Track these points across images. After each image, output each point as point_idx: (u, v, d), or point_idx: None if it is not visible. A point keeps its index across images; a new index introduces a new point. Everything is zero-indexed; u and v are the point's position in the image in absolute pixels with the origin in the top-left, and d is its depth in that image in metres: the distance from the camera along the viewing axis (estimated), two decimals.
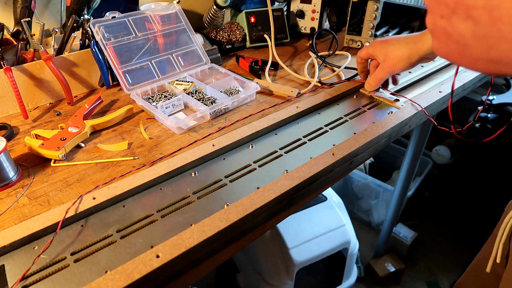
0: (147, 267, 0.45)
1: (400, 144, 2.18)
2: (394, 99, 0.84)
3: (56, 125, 0.77)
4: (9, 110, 0.81)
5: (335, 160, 0.64)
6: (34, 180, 0.63)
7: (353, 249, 1.46)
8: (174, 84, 0.88)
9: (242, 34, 1.13)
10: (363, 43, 1.14)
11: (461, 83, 0.92)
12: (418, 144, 1.53)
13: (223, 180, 0.63)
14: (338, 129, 0.77)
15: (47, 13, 0.94)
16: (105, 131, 0.76)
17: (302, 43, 1.21)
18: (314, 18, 1.20)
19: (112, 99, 0.87)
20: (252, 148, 0.70)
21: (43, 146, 0.67)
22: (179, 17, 0.97)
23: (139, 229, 0.53)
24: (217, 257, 0.54)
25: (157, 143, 0.73)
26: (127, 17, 0.90)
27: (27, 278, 0.47)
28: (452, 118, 0.83)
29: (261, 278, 1.39)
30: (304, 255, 1.33)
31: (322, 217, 1.45)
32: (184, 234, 0.49)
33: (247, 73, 1.02)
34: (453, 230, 2.10)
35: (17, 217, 0.56)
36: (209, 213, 0.54)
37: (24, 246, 0.51)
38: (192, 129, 0.77)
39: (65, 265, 0.48)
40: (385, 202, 1.97)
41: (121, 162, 0.67)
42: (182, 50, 0.96)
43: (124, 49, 0.88)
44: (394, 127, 0.75)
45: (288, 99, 0.88)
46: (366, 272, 1.91)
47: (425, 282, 1.87)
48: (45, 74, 0.82)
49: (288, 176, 0.60)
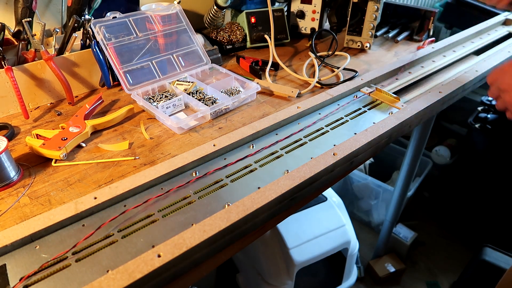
0: (148, 266, 0.45)
1: (400, 144, 2.18)
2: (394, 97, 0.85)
3: (57, 125, 0.77)
4: (10, 110, 0.81)
5: (336, 160, 0.64)
6: (35, 180, 0.63)
7: (353, 249, 1.47)
8: (174, 84, 0.89)
9: (243, 34, 1.14)
10: (363, 44, 1.15)
11: (461, 83, 0.92)
12: (418, 144, 1.53)
13: (224, 180, 0.63)
14: (338, 129, 0.77)
15: (48, 13, 0.95)
16: (106, 131, 0.77)
17: (303, 44, 1.22)
18: (314, 19, 1.20)
19: (113, 99, 0.88)
20: (252, 148, 0.71)
21: (44, 146, 0.67)
22: (180, 18, 0.97)
23: (140, 229, 0.53)
24: (218, 257, 0.54)
25: (158, 143, 0.73)
26: (128, 17, 0.90)
27: (29, 278, 0.47)
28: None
29: (261, 278, 1.39)
30: (304, 255, 1.33)
31: (322, 217, 1.45)
32: (185, 233, 0.49)
33: (247, 73, 1.02)
34: (453, 230, 2.10)
35: (18, 216, 0.56)
36: (210, 213, 0.54)
37: (25, 246, 0.51)
38: (193, 129, 0.77)
39: (67, 264, 0.48)
40: (385, 202, 1.97)
41: (122, 162, 0.67)
42: (183, 50, 0.96)
43: (124, 49, 0.88)
44: (394, 127, 0.75)
45: (288, 99, 0.88)
46: (366, 272, 1.91)
47: (425, 282, 1.87)
48: (46, 74, 0.83)
49: (289, 176, 0.60)
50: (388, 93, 0.86)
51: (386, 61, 1.11)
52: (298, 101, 0.86)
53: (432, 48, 1.10)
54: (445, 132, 2.21)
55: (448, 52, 1.13)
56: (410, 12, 1.30)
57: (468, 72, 0.99)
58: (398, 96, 0.86)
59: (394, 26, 1.32)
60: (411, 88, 0.95)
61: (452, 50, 1.15)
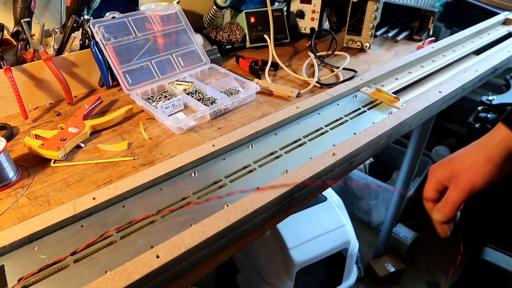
0: (147, 267, 0.45)
1: (400, 144, 2.18)
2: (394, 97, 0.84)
3: (56, 125, 0.77)
4: (9, 110, 0.81)
5: (335, 160, 0.64)
6: (34, 180, 0.63)
7: (353, 249, 1.46)
8: (174, 84, 0.88)
9: (242, 34, 1.13)
10: (363, 44, 1.14)
11: (461, 83, 0.92)
12: (418, 144, 1.53)
13: (223, 180, 0.63)
14: (338, 129, 0.77)
15: (47, 13, 0.94)
16: (105, 131, 0.76)
17: (302, 43, 1.21)
18: (314, 18, 1.20)
19: (112, 99, 0.87)
20: (252, 148, 0.70)
21: (43, 146, 0.67)
22: (179, 17, 0.97)
23: (139, 229, 0.53)
24: (217, 257, 0.54)
25: (157, 143, 0.73)
26: (127, 17, 0.90)
27: (27, 279, 0.46)
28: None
29: (261, 278, 1.39)
30: (304, 255, 1.33)
31: (322, 217, 1.45)
32: (184, 234, 0.49)
33: (247, 73, 1.02)
34: (453, 230, 2.10)
35: (17, 217, 0.56)
36: (209, 213, 0.54)
37: (24, 247, 0.51)
38: (192, 129, 0.77)
39: (65, 265, 0.48)
40: (385, 202, 1.97)
41: (121, 162, 0.67)
42: (182, 50, 0.96)
43: (124, 49, 0.88)
44: (394, 127, 0.75)
45: (288, 99, 0.88)
46: (366, 272, 1.91)
47: (425, 282, 1.87)
48: (45, 74, 0.82)
49: (288, 176, 0.60)
50: (388, 93, 0.86)
51: (386, 61, 1.10)
52: (297, 101, 0.86)
53: (432, 47, 1.10)
54: (445, 132, 2.21)
55: (448, 51, 1.13)
56: (410, 11, 1.30)
57: (468, 72, 0.99)
58: (398, 96, 0.86)
59: (394, 25, 1.31)
60: (411, 88, 0.95)
61: (452, 49, 1.15)
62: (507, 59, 1.10)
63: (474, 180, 0.54)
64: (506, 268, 1.34)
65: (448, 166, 0.57)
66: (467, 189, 0.54)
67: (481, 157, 0.54)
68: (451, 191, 0.56)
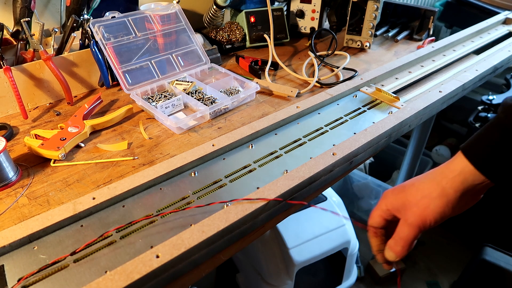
0: (146, 267, 0.45)
1: (400, 144, 2.17)
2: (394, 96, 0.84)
3: (55, 125, 0.77)
4: (8, 110, 0.81)
5: (335, 160, 0.64)
6: (33, 180, 0.63)
7: (353, 249, 1.46)
8: (174, 84, 0.88)
9: (242, 34, 1.13)
10: (363, 43, 1.14)
11: (461, 83, 0.92)
12: (418, 144, 1.53)
13: (223, 180, 0.63)
14: (338, 129, 0.77)
15: (46, 13, 0.94)
16: (105, 131, 0.76)
17: (302, 43, 1.21)
18: (314, 18, 1.20)
19: (111, 99, 0.87)
20: (252, 148, 0.70)
21: (42, 146, 0.67)
22: (179, 17, 0.97)
23: (139, 229, 0.53)
24: (217, 257, 0.54)
25: (157, 143, 0.72)
26: (126, 17, 0.90)
27: (27, 279, 0.46)
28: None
29: (261, 278, 1.39)
30: (304, 255, 1.33)
31: (322, 217, 1.45)
32: (184, 234, 0.49)
33: (247, 73, 1.02)
34: (453, 230, 2.10)
35: (16, 217, 0.56)
36: (209, 213, 0.54)
37: (23, 246, 0.51)
38: (192, 129, 0.77)
39: (65, 265, 0.48)
40: None
41: (121, 162, 0.67)
42: (182, 50, 0.96)
43: (123, 49, 0.87)
44: (394, 127, 0.75)
45: (288, 98, 0.88)
46: (366, 272, 1.91)
47: (425, 282, 1.87)
48: (44, 74, 0.82)
49: (288, 176, 0.60)
50: (388, 93, 0.86)
51: (386, 60, 1.10)
52: (297, 101, 0.86)
53: (432, 47, 1.10)
54: (445, 132, 2.21)
55: (448, 51, 1.13)
56: (410, 11, 1.30)
57: (468, 71, 0.98)
58: (398, 96, 0.86)
59: (394, 25, 1.31)
60: (411, 87, 0.95)
61: (452, 49, 1.15)
62: (507, 58, 1.10)
63: (424, 215, 0.48)
64: (506, 268, 1.34)
65: (400, 196, 0.51)
66: (416, 225, 0.49)
67: (434, 190, 0.49)
68: (401, 226, 0.51)
